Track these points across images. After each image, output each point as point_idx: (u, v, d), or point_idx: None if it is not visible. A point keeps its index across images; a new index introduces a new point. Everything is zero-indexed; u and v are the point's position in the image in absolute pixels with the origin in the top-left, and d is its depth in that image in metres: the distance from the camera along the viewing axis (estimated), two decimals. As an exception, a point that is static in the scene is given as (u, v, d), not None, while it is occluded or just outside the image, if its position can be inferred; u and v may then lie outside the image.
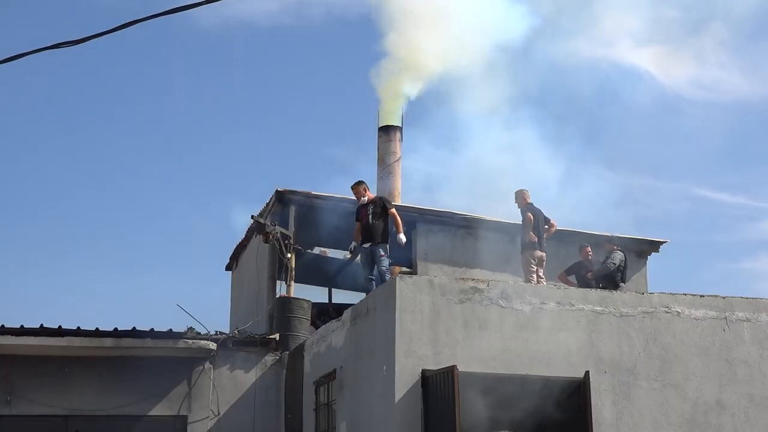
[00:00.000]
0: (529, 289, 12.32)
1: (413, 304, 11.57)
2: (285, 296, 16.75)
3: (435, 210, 18.59)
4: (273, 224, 16.98)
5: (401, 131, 22.36)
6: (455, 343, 11.57)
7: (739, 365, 12.65)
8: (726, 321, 12.76)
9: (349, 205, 17.63)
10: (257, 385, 15.73)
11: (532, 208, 16.55)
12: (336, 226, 17.88)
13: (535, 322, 11.95)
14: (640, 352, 12.26)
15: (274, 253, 17.40)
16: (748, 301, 12.99)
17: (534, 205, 16.64)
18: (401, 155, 22.20)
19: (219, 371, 15.62)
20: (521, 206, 16.63)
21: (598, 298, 12.43)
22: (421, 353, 11.43)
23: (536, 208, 16.59)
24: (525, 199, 16.65)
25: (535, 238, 16.29)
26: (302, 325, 16.22)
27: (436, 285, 11.79)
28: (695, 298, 12.77)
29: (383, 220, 15.17)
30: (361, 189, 15.55)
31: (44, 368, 15.03)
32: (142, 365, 15.14)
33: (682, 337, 12.49)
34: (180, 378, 15.45)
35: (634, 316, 12.38)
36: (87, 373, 15.17)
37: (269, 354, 15.91)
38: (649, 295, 12.78)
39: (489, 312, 11.82)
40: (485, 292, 11.89)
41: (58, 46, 8.01)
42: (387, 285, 12.19)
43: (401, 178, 21.96)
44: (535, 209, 16.56)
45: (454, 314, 11.68)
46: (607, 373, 12.00)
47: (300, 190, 17.68)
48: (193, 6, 7.68)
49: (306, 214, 17.70)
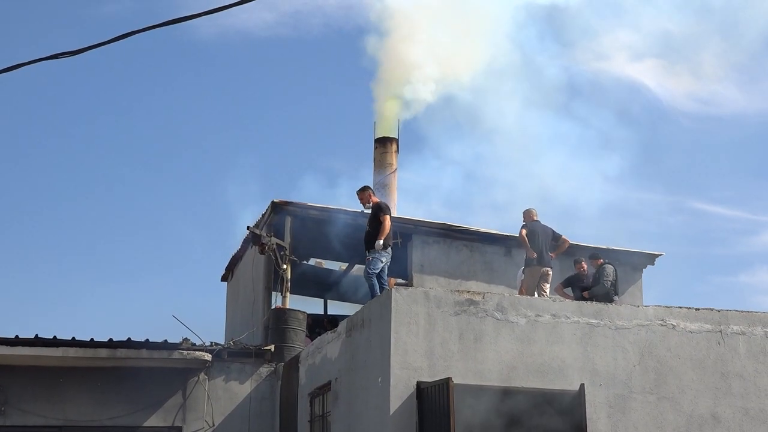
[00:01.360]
0: (524, 302, 12.32)
1: (408, 316, 11.57)
2: (280, 307, 16.74)
3: (431, 222, 18.61)
4: (269, 235, 16.99)
5: (398, 143, 22.41)
6: (450, 355, 11.57)
7: (734, 379, 12.65)
8: (721, 334, 12.77)
9: (345, 216, 17.67)
10: (252, 396, 15.71)
11: (532, 225, 16.51)
12: (332, 238, 17.90)
13: (531, 335, 11.95)
14: (635, 365, 12.26)
15: (269, 263, 17.40)
16: (743, 314, 13.00)
17: (540, 222, 16.60)
18: (397, 167, 22.24)
19: (214, 382, 15.59)
20: (524, 223, 16.64)
21: (593, 310, 12.43)
22: (417, 365, 11.42)
23: (541, 225, 16.54)
24: (531, 217, 16.66)
25: (534, 254, 16.26)
26: (297, 337, 16.20)
27: (431, 297, 11.78)
28: (690, 311, 12.77)
29: (375, 227, 15.00)
30: (366, 195, 15.25)
31: (39, 379, 15.00)
32: (137, 376, 15.12)
33: (677, 350, 12.50)
34: (175, 389, 15.42)
35: (629, 329, 12.39)
36: (82, 384, 15.13)
37: (264, 365, 15.89)
38: (644, 308, 12.79)
39: (484, 324, 11.82)
40: (481, 304, 11.90)
41: (56, 57, 8.01)
42: (382, 297, 12.19)
43: (397, 190, 22.01)
44: (538, 226, 16.50)
45: (449, 326, 11.68)
46: (602, 386, 12.00)
47: (296, 201, 17.69)
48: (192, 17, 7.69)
49: (302, 225, 17.71)
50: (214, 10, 7.70)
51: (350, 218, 17.41)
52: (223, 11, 7.66)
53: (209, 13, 7.70)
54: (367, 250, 14.88)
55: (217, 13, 7.67)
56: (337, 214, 17.70)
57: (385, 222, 14.80)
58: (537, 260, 16.26)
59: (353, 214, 17.31)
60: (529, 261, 16.39)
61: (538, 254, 16.26)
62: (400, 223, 18.09)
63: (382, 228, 14.76)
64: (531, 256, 16.28)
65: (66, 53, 8.00)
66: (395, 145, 22.39)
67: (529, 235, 16.39)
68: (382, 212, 14.92)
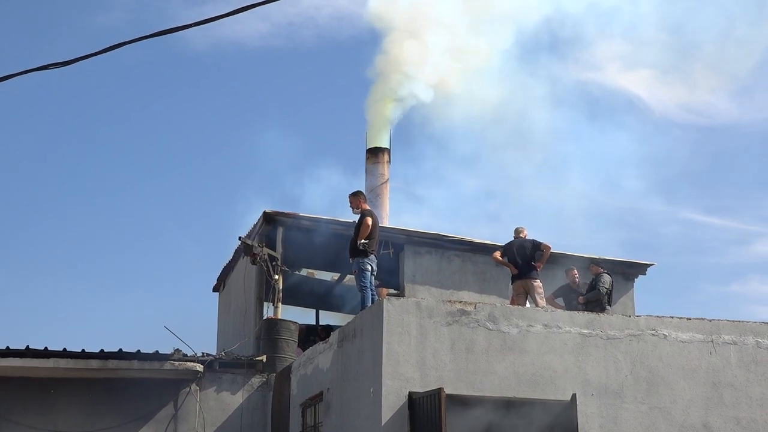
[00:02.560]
0: (516, 312, 12.32)
1: (400, 327, 11.57)
2: (272, 318, 16.72)
3: (422, 232, 18.60)
4: (260, 245, 16.97)
5: (389, 153, 22.44)
6: (442, 366, 11.57)
7: (726, 388, 12.66)
8: (713, 344, 12.78)
9: (336, 226, 17.65)
10: (244, 407, 15.67)
11: (507, 243, 16.47)
12: (323, 248, 17.89)
13: (523, 345, 11.95)
14: (627, 374, 12.27)
15: (261, 274, 17.38)
16: (735, 324, 13.02)
17: (524, 238, 16.48)
18: (389, 177, 22.26)
19: (205, 393, 15.56)
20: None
21: (585, 320, 12.44)
22: (408, 375, 11.42)
23: (519, 240, 16.43)
24: (517, 235, 16.57)
25: (515, 269, 16.17)
26: (289, 347, 16.17)
27: (423, 307, 11.78)
28: (682, 321, 12.79)
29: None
30: (357, 200, 15.11)
31: (30, 390, 14.95)
32: (128, 387, 15.09)
33: (669, 360, 12.51)
34: (166, 400, 15.38)
35: (621, 339, 12.39)
36: (73, 395, 15.09)
37: (256, 376, 15.85)
38: (636, 318, 12.80)
39: (476, 334, 11.82)
40: (472, 314, 11.90)
41: (47, 67, 7.99)
42: (374, 307, 12.19)
43: (389, 201, 22.02)
44: (514, 242, 16.40)
45: (441, 336, 11.68)
46: (594, 395, 12.00)
47: (287, 212, 17.67)
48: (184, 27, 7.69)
49: (293, 235, 17.69)
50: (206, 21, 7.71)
51: (342, 228, 17.40)
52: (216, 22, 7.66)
53: (201, 24, 7.69)
54: (351, 258, 14.82)
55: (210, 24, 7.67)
56: (329, 225, 17.69)
57: (364, 223, 14.71)
58: (518, 274, 16.16)
59: (345, 224, 17.30)
60: (512, 278, 16.35)
61: (519, 268, 16.17)
62: (392, 233, 18.10)
63: (361, 229, 14.68)
64: (513, 272, 16.25)
65: (57, 64, 7.98)
66: (387, 155, 22.42)
67: (503, 253, 16.38)
68: (363, 216, 14.84)
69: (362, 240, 14.61)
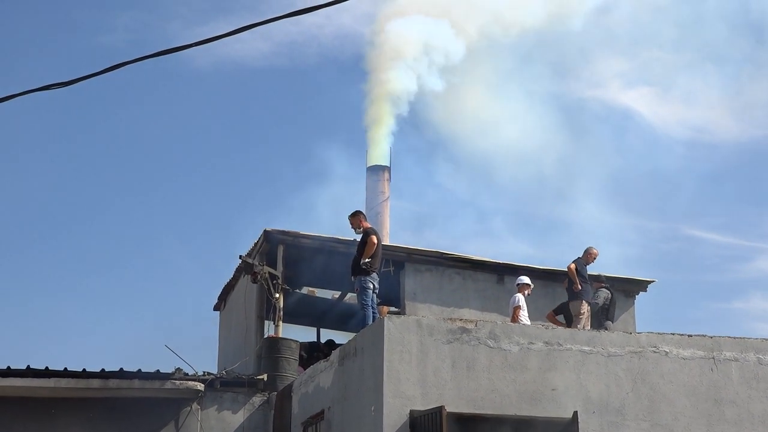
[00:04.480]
0: (517, 330, 12.32)
1: (401, 345, 11.56)
2: (273, 336, 16.70)
3: (423, 250, 18.61)
4: (261, 264, 16.97)
5: (389, 171, 22.48)
6: (443, 384, 11.55)
7: (728, 405, 12.64)
8: (714, 361, 12.77)
9: (336, 245, 17.66)
10: (245, 426, 15.63)
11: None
12: (324, 266, 17.89)
13: (524, 363, 11.94)
14: (629, 392, 12.25)
15: (262, 292, 17.37)
16: (736, 340, 13.01)
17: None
18: (389, 194, 22.30)
19: (206, 412, 15.52)
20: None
21: (586, 338, 12.43)
22: (409, 394, 11.40)
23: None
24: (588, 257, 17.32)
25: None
26: (290, 366, 16.15)
27: (424, 325, 11.78)
28: (683, 337, 12.78)
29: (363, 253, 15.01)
30: (357, 220, 15.27)
31: (31, 409, 14.91)
32: (129, 406, 15.05)
33: (670, 377, 12.49)
34: (167, 419, 15.34)
35: (622, 356, 12.38)
36: (74, 415, 15.04)
37: (257, 394, 15.82)
38: (637, 335, 12.79)
39: (477, 352, 11.81)
40: (473, 332, 11.89)
41: (48, 88, 7.99)
42: (375, 325, 12.19)
43: (389, 218, 22.04)
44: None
45: (442, 354, 11.67)
46: (595, 413, 11.98)
47: (288, 230, 17.69)
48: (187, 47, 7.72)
49: (294, 253, 17.70)
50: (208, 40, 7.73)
51: (343, 247, 17.41)
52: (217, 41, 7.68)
53: (203, 43, 7.72)
54: (353, 276, 14.88)
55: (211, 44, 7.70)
56: (329, 243, 17.70)
57: (369, 241, 14.81)
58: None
59: (346, 242, 17.31)
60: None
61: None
62: (393, 251, 18.10)
63: (366, 248, 14.79)
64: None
65: (57, 84, 7.99)
66: (387, 173, 22.46)
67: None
68: (367, 235, 14.94)
69: (366, 259, 14.68)
